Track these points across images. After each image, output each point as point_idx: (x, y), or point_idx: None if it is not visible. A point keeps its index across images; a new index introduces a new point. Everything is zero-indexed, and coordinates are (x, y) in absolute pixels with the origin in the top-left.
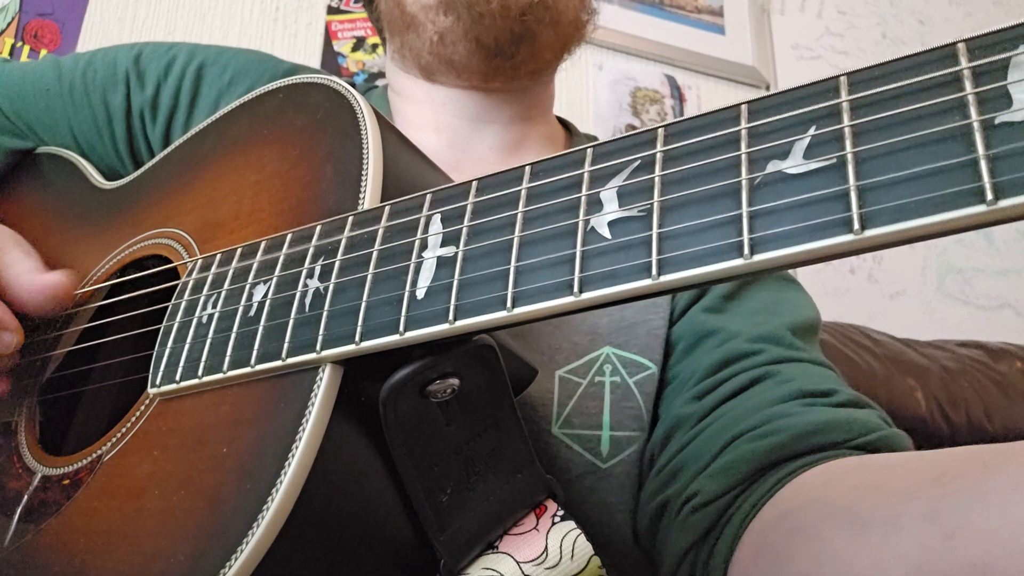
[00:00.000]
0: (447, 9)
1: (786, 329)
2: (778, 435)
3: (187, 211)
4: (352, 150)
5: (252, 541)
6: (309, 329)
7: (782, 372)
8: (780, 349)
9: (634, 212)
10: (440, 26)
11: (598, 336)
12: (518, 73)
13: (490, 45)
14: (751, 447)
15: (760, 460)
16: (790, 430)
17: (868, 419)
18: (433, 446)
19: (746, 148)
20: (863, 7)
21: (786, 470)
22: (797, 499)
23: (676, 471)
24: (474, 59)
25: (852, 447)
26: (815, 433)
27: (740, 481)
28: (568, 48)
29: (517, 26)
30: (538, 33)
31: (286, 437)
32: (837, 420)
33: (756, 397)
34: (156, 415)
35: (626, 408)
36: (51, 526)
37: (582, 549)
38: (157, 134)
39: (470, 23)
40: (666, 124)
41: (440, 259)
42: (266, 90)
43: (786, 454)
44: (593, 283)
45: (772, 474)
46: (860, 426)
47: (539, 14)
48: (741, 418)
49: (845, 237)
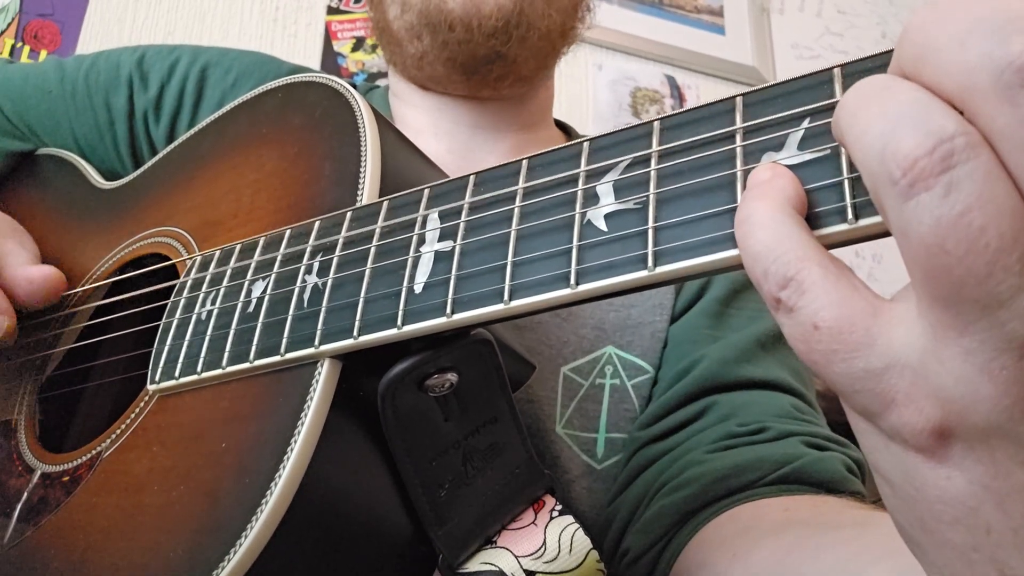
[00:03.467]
0: (420, 34)
1: (754, 341)
2: (691, 486)
3: (186, 210)
4: (350, 148)
5: (250, 536)
6: (308, 324)
7: (723, 406)
8: (738, 371)
9: (630, 205)
10: (418, 48)
11: (603, 333)
12: (502, 84)
13: (464, 65)
14: (669, 500)
15: (678, 511)
16: (702, 479)
17: (783, 452)
18: (431, 441)
19: (741, 140)
20: (863, 6)
21: (701, 518)
22: (705, 545)
23: (611, 518)
24: (453, 77)
25: (766, 484)
26: (727, 477)
27: (663, 534)
28: (551, 57)
29: (483, 50)
30: (507, 52)
31: (284, 432)
32: (747, 461)
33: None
34: (155, 411)
35: (622, 410)
36: (51, 523)
37: (580, 543)
38: (160, 135)
39: (439, 48)
40: (661, 117)
41: (438, 253)
42: (265, 89)
43: (700, 503)
44: (590, 275)
45: (689, 524)
46: (772, 463)
47: (503, 38)
48: (663, 468)
49: (840, 227)
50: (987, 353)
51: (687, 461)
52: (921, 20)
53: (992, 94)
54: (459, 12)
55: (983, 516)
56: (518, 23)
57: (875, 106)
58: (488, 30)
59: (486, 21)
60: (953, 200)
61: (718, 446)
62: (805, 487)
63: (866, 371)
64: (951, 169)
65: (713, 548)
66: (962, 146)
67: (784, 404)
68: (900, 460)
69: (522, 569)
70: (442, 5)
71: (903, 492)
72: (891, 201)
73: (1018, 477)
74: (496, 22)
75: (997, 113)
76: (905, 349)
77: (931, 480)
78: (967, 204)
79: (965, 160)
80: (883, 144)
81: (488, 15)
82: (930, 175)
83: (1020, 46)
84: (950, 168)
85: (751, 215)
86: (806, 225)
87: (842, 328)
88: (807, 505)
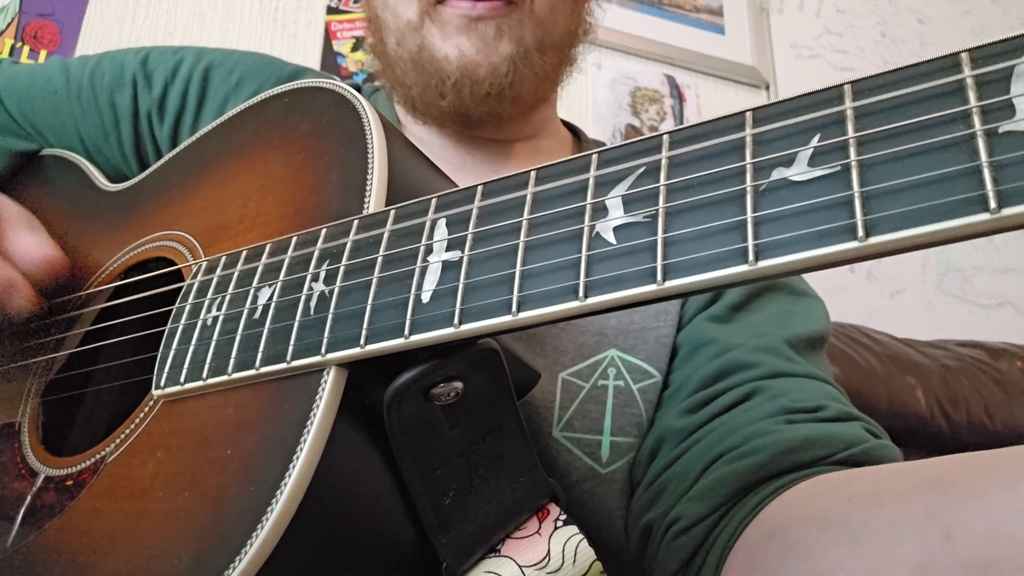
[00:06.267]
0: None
1: (784, 342)
2: (758, 454)
3: (192, 214)
4: (357, 155)
5: (256, 544)
6: (314, 332)
7: (771, 387)
8: (776, 361)
9: (639, 218)
10: (413, 91)
11: (605, 338)
12: (501, 122)
13: (456, 120)
14: (732, 468)
15: (741, 480)
16: (770, 448)
17: (851, 433)
18: (436, 449)
19: (751, 156)
20: (862, 6)
21: (769, 488)
22: (784, 516)
23: (659, 491)
24: (445, 125)
25: (834, 462)
26: (796, 450)
27: (722, 503)
28: (551, 91)
29: (476, 111)
30: (501, 110)
31: (290, 440)
32: (817, 436)
33: (741, 415)
34: (160, 417)
35: (628, 414)
36: (54, 527)
37: (584, 554)
38: (164, 135)
39: (434, 97)
40: (671, 131)
41: (445, 263)
42: (271, 94)
43: (767, 473)
44: (598, 288)
45: (755, 494)
46: (841, 441)
47: (496, 100)
48: (722, 438)
49: (850, 244)
50: None
51: (751, 431)
52: None
53: None
54: (454, 73)
55: None
56: (512, 82)
57: None
58: (481, 95)
59: (478, 88)
60: None
61: (780, 420)
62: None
63: None
64: None
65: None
66: None
67: (832, 391)
68: None
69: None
70: (437, 63)
71: None
72: None
73: None
74: (489, 88)
75: None
76: None
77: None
78: None
79: None
80: None
81: (481, 80)
82: None
83: None
84: None
85: None
86: None
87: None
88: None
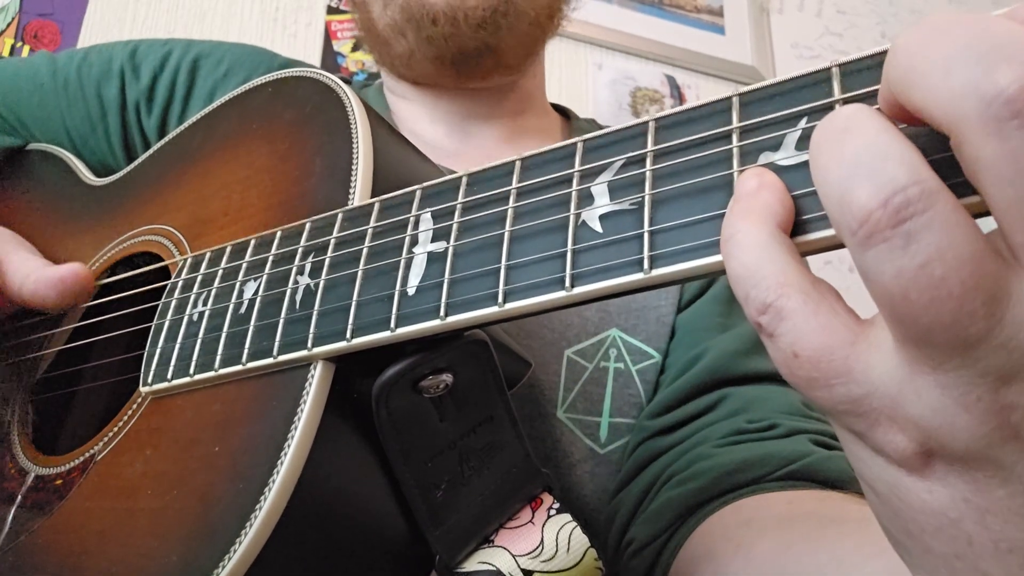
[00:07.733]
0: (404, 31)
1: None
2: (700, 478)
3: (177, 207)
4: (342, 144)
5: (245, 541)
6: (300, 326)
7: (737, 397)
8: (755, 363)
9: (625, 206)
10: (404, 47)
11: (608, 315)
12: (491, 75)
13: (453, 59)
14: (676, 492)
15: (684, 503)
16: (710, 472)
17: (793, 449)
18: (427, 442)
19: (738, 140)
20: (862, 6)
21: (704, 511)
22: (705, 538)
23: (616, 509)
24: (442, 72)
25: (773, 479)
26: (734, 472)
27: (668, 525)
28: (539, 43)
29: (471, 42)
30: (496, 43)
31: (278, 435)
32: (755, 457)
33: (700, 431)
34: (148, 414)
35: (627, 395)
36: (45, 526)
37: (578, 541)
38: (152, 126)
39: (424, 45)
40: (657, 117)
41: (431, 255)
42: (255, 84)
43: (707, 496)
44: (585, 278)
45: (694, 516)
46: (781, 458)
47: (491, 28)
48: (673, 459)
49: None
50: (962, 387)
51: (696, 455)
52: (906, 42)
53: (979, 126)
54: (442, 6)
55: (964, 528)
56: (506, 11)
57: (833, 150)
58: (475, 21)
59: (472, 12)
60: (912, 252)
61: (727, 441)
62: (811, 484)
63: (847, 397)
64: (907, 221)
65: (716, 539)
66: (916, 196)
67: (794, 400)
68: (885, 472)
69: (520, 568)
70: (427, 5)
71: (888, 501)
72: (853, 249)
73: (997, 494)
74: (483, 12)
75: (983, 143)
76: (883, 378)
77: (914, 492)
78: (927, 255)
79: (921, 211)
80: (839, 193)
81: (474, 6)
82: (886, 227)
83: (1007, 77)
84: (905, 220)
85: (734, 235)
86: (790, 245)
87: (820, 357)
88: (811, 499)
